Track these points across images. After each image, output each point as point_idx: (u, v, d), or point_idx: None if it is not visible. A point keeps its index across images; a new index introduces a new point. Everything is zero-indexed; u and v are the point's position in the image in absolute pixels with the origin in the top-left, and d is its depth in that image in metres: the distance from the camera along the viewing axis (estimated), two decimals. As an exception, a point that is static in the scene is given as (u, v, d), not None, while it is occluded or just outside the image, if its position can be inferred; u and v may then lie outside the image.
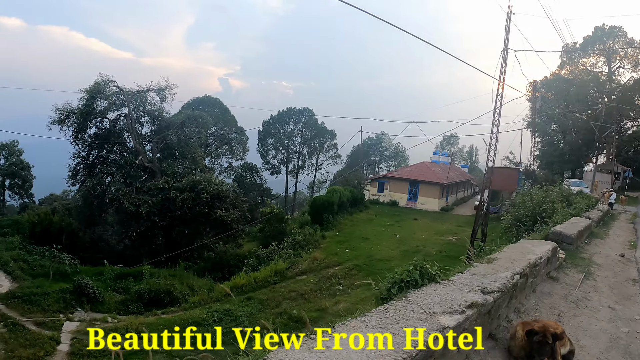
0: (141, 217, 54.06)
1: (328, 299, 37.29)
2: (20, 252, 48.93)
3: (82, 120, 60.39)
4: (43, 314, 35.80)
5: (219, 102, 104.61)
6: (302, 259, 45.99)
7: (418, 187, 77.84)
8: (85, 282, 39.07)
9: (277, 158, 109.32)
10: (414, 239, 54.10)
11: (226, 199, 55.87)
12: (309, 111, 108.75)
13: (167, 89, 65.89)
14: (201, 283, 46.38)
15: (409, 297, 7.81)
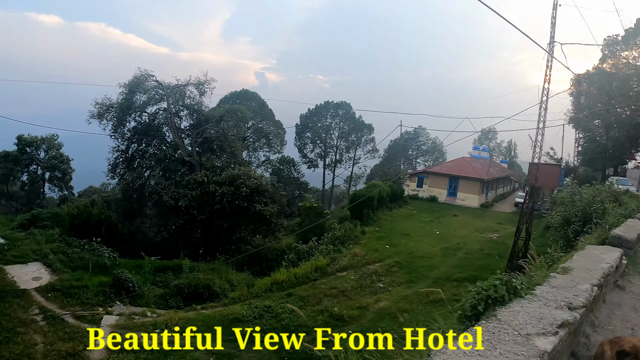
0: (180, 211, 54.01)
1: (369, 297, 36.70)
2: (60, 245, 49.03)
3: (122, 115, 60.96)
4: (82, 307, 35.78)
5: (256, 96, 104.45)
6: (342, 254, 45.40)
7: (458, 183, 76.88)
8: (124, 275, 39.14)
9: (315, 152, 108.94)
10: (455, 235, 53.19)
11: (265, 193, 55.37)
12: (347, 105, 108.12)
13: (206, 83, 65.80)
14: (240, 278, 46.06)
15: (498, 316, 7.14)
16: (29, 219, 54.74)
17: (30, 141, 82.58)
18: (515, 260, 36.00)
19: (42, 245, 46.61)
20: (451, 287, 36.74)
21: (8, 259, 42.76)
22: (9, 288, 36.77)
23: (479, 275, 38.60)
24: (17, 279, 38.88)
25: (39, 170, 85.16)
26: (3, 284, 37.30)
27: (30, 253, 44.42)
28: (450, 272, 40.53)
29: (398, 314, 33.21)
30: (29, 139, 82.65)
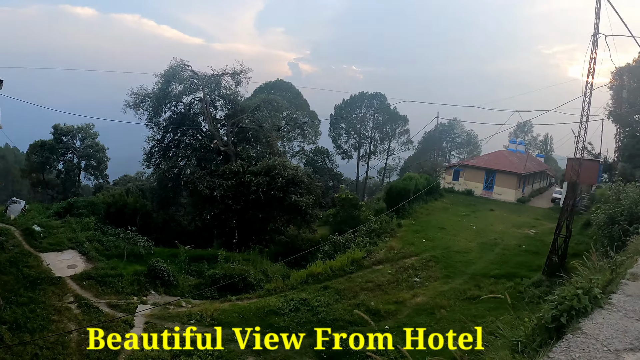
0: (215, 201, 53.88)
1: (406, 291, 36.05)
2: (95, 233, 49.21)
3: (157, 104, 61.00)
4: (117, 296, 35.70)
5: (291, 86, 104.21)
6: (379, 247, 44.71)
7: (494, 177, 75.64)
8: (159, 265, 38.92)
9: (349, 143, 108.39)
10: (491, 230, 52.20)
11: (301, 184, 54.90)
12: (381, 96, 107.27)
13: (242, 73, 65.04)
14: (275, 269, 45.62)
15: (583, 329, 6.47)
16: (64, 207, 55.03)
17: (66, 130, 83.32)
18: (554, 258, 35.03)
19: (78, 234, 46.74)
20: (488, 284, 36.04)
21: (44, 247, 42.91)
22: (44, 275, 36.84)
23: (516, 272, 37.82)
24: (52, 266, 38.97)
25: (74, 159, 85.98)
26: (38, 272, 37.39)
27: (65, 241, 44.54)
28: (487, 269, 39.63)
29: (435, 310, 32.61)
30: (65, 128, 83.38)
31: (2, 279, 35.04)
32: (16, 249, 41.24)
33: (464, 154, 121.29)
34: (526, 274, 37.06)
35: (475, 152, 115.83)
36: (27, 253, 40.69)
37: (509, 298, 9.59)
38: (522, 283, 34.96)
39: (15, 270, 36.80)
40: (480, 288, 35.44)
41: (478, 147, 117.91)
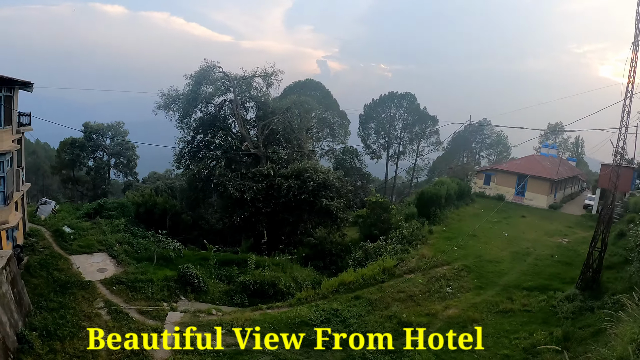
0: (245, 203, 53.62)
1: (437, 303, 35.35)
2: (125, 235, 49.22)
3: (188, 106, 60.85)
4: (147, 301, 35.47)
5: (320, 86, 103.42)
6: (410, 255, 43.95)
7: (526, 182, 74.29)
8: (190, 271, 38.71)
9: (378, 143, 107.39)
10: (523, 239, 51.07)
11: (332, 188, 54.38)
12: (411, 96, 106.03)
13: (273, 75, 64.72)
14: (304, 274, 45.25)
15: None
16: (95, 208, 55.13)
17: (97, 128, 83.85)
18: (589, 272, 33.98)
19: (108, 236, 46.79)
20: (521, 296, 35.17)
21: (74, 249, 42.97)
22: (74, 279, 36.76)
23: (549, 284, 36.88)
24: (82, 269, 38.95)
25: (104, 157, 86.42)
26: (69, 275, 37.33)
27: (95, 243, 44.59)
28: (519, 280, 38.66)
29: (467, 323, 31.90)
30: (95, 126, 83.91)
31: (32, 282, 34.97)
32: (46, 250, 41.29)
33: (493, 155, 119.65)
34: (559, 287, 36.07)
35: (505, 153, 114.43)
36: (57, 255, 40.71)
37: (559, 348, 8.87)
38: (555, 297, 33.97)
39: (46, 274, 36.78)
40: (513, 301, 34.59)
41: (508, 148, 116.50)
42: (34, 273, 36.44)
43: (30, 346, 26.45)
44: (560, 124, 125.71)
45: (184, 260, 44.47)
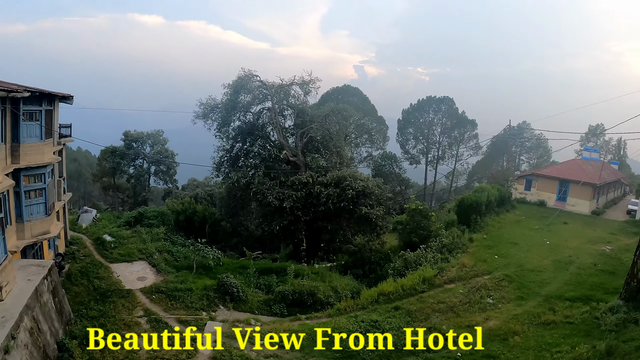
0: (285, 212, 53.44)
1: (478, 314, 34.57)
2: (165, 243, 49.60)
3: (226, 115, 60.91)
4: (186, 311, 35.50)
5: (358, 92, 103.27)
6: (450, 264, 43.17)
7: (568, 187, 72.83)
8: (229, 280, 38.65)
9: (417, 148, 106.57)
10: (565, 246, 49.86)
11: (371, 196, 53.95)
12: (449, 100, 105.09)
13: (310, 83, 64.44)
14: (343, 282, 44.99)
15: None
16: (135, 216, 55.73)
17: (136, 137, 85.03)
18: (633, 282, 32.96)
19: (148, 244, 47.14)
20: (563, 307, 34.18)
21: (114, 257, 43.38)
22: (114, 287, 37.04)
23: (592, 295, 35.93)
24: (122, 278, 39.24)
25: (144, 164, 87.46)
26: (109, 283, 37.63)
27: (135, 252, 44.94)
28: (562, 290, 37.67)
29: (509, 336, 31.24)
30: (135, 134, 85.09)
31: (73, 290, 35.32)
32: (87, 259, 41.72)
33: (533, 159, 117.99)
34: (602, 298, 34.97)
35: (546, 156, 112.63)
36: (97, 263, 41.10)
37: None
38: (598, 308, 32.91)
39: (86, 282, 37.12)
40: (555, 312, 33.69)
41: (548, 151, 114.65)
42: (75, 281, 36.81)
43: (70, 355, 26.53)
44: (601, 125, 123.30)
45: (223, 269, 44.57)
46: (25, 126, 29.50)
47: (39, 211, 31.94)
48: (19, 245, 29.95)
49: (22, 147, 29.28)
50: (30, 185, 30.97)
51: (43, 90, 30.45)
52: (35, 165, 30.38)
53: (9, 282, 23.89)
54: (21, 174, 29.72)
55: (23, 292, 24.19)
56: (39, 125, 31.27)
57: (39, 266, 28.07)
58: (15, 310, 22.14)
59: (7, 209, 27.31)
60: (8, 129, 27.79)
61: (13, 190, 27.97)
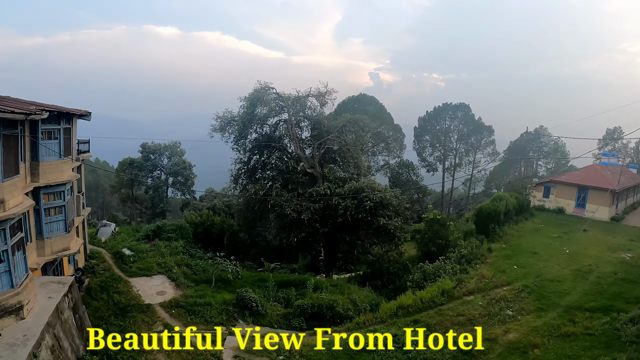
0: (303, 224, 53.41)
1: (497, 326, 34.19)
2: (184, 257, 49.70)
3: (243, 127, 60.86)
4: (205, 325, 35.51)
5: (374, 100, 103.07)
6: (469, 276, 42.76)
7: (587, 194, 72.19)
8: (248, 295, 38.69)
9: (434, 155, 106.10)
10: (585, 255, 49.14)
11: (389, 206, 53.76)
12: (465, 106, 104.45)
13: (326, 94, 64.23)
14: (362, 295, 44.81)
15: None
16: (153, 230, 55.87)
17: (154, 149, 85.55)
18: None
19: (167, 258, 47.24)
20: (583, 319, 33.71)
21: (133, 271, 43.51)
22: (134, 302, 37.16)
23: (613, 305, 35.49)
24: (142, 292, 39.33)
25: (162, 176, 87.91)
26: (128, 298, 37.76)
27: (155, 266, 45.04)
28: (582, 300, 37.16)
29: (528, 349, 30.96)
30: (152, 146, 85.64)
31: (93, 304, 35.44)
32: (107, 273, 41.87)
33: (551, 163, 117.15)
34: (623, 308, 34.54)
35: (564, 161, 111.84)
36: (117, 278, 41.24)
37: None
38: (619, 318, 32.48)
39: (106, 296, 37.23)
40: (575, 323, 33.25)
41: (566, 155, 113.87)
42: (94, 295, 36.93)
43: (91, 371, 26.76)
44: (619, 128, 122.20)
45: (242, 282, 44.68)
46: (44, 145, 29.75)
47: (59, 228, 32.15)
48: (39, 262, 30.18)
49: (42, 165, 29.54)
50: (49, 203, 31.21)
51: (61, 109, 30.69)
52: (54, 183, 30.62)
53: (30, 300, 24.05)
54: (41, 192, 29.96)
55: (44, 309, 24.33)
56: (58, 144, 31.52)
57: (60, 283, 28.21)
58: (37, 329, 22.29)
59: (27, 227, 27.54)
60: (27, 148, 28.04)
61: (33, 208, 28.16)
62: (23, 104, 26.44)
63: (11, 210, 22.42)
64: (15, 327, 22.28)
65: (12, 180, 23.19)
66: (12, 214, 22.21)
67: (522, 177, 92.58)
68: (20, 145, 26.24)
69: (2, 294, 22.16)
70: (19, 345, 20.87)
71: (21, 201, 24.24)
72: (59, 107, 31.45)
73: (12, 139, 23.74)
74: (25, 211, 24.88)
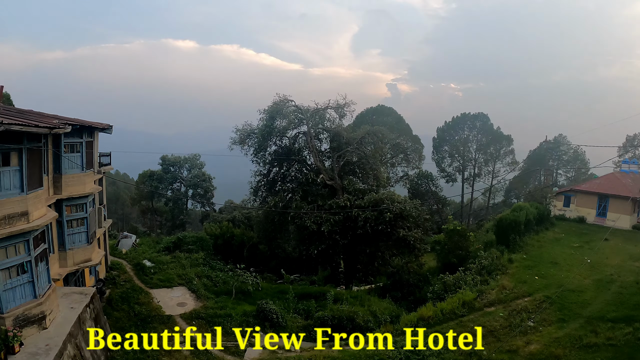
0: (322, 236, 53.26)
1: (519, 338, 33.91)
2: (204, 269, 49.91)
3: (262, 140, 61.17)
4: (226, 337, 35.57)
5: (392, 111, 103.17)
6: (490, 286, 42.43)
7: (608, 202, 71.49)
8: (268, 307, 38.71)
9: (453, 166, 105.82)
10: (607, 264, 48.53)
11: (409, 218, 53.63)
12: (484, 116, 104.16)
13: (345, 106, 64.83)
14: (382, 306, 44.61)
15: None
16: (174, 242, 56.21)
17: (174, 161, 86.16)
18: None
19: (187, 270, 47.50)
20: (605, 329, 33.24)
21: (154, 283, 43.75)
22: (154, 313, 37.36)
23: (635, 315, 34.99)
24: (162, 304, 39.52)
25: (182, 188, 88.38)
26: (149, 309, 37.95)
27: (175, 277, 45.28)
28: (604, 310, 36.68)
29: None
30: (172, 159, 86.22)
31: (114, 315, 35.66)
32: (127, 284, 42.16)
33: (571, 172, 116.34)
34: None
35: (584, 169, 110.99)
36: (138, 289, 41.52)
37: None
38: (642, 328, 32.45)
39: (127, 307, 37.48)
40: (597, 334, 32.85)
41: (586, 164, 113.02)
42: (115, 306, 37.20)
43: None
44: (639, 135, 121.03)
45: (262, 294, 44.80)
46: (66, 158, 30.12)
47: (81, 240, 32.51)
48: (62, 273, 30.51)
49: (64, 178, 29.92)
50: (72, 215, 31.57)
51: (84, 123, 31.09)
52: (77, 195, 30.98)
53: (52, 310, 24.31)
54: (63, 204, 30.33)
55: (66, 320, 24.59)
56: (80, 157, 31.91)
57: (82, 294, 28.48)
58: (59, 339, 22.54)
59: (50, 238, 27.88)
60: (50, 161, 28.44)
61: (56, 220, 28.50)
62: (46, 118, 26.78)
63: (35, 222, 22.72)
64: (37, 336, 22.56)
65: (35, 193, 23.49)
66: (36, 226, 22.51)
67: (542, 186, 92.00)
68: (44, 158, 26.56)
69: (25, 304, 22.44)
70: (41, 354, 21.13)
71: (44, 213, 24.52)
72: (81, 120, 31.88)
73: (36, 152, 24.05)
74: (48, 223, 25.18)
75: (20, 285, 22.33)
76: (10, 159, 21.63)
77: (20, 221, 21.84)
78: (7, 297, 21.63)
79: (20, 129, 19.77)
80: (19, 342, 20.96)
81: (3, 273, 21.28)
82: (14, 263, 21.84)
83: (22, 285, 22.47)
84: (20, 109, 30.88)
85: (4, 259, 21.31)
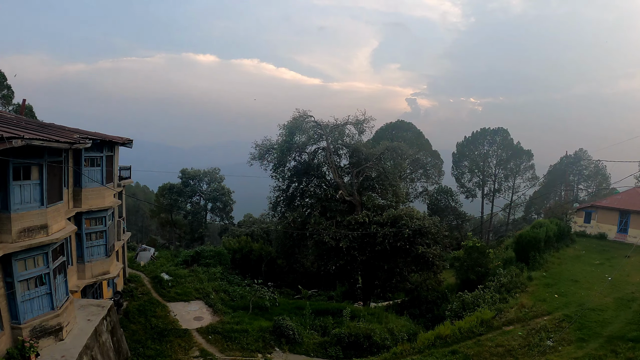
0: (341, 252, 52.94)
1: (537, 358, 33.56)
2: (222, 283, 49.99)
3: (282, 155, 61.04)
4: (242, 352, 35.55)
5: (412, 126, 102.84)
6: (509, 305, 42.01)
7: (629, 218, 70.65)
8: (285, 323, 38.57)
9: (473, 181, 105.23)
10: (628, 282, 47.87)
11: (428, 235, 53.29)
12: (504, 131, 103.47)
13: (364, 122, 64.26)
14: (400, 324, 44.27)
15: None
16: (192, 255, 56.34)
17: (193, 174, 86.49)
18: None
19: (205, 284, 47.61)
20: (626, 349, 32.62)
21: (171, 296, 43.89)
22: (171, 327, 37.45)
23: (656, 334, 34.62)
24: (179, 317, 39.63)
25: (201, 201, 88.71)
26: (166, 323, 38.06)
27: (193, 291, 45.38)
28: (624, 330, 36.05)
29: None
30: (192, 172, 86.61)
31: (130, 327, 35.81)
32: (145, 297, 42.33)
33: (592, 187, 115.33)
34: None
35: (605, 184, 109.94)
36: (155, 302, 41.65)
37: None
38: (663, 349, 31.94)
39: (144, 320, 37.62)
40: (617, 354, 32.26)
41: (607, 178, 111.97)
42: (132, 319, 37.37)
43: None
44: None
45: (279, 309, 44.73)
46: (86, 172, 30.39)
47: (100, 252, 32.72)
48: (79, 285, 30.71)
49: (84, 191, 30.20)
50: (91, 228, 31.80)
51: (104, 137, 31.37)
52: (96, 208, 31.23)
53: (69, 322, 24.42)
54: (83, 217, 30.59)
55: (83, 331, 24.68)
56: (100, 171, 32.18)
57: (99, 306, 28.56)
58: (75, 350, 22.63)
59: (69, 250, 28.09)
60: (70, 174, 28.71)
61: (75, 232, 28.70)
62: (67, 132, 27.04)
63: (54, 235, 22.88)
64: (54, 347, 22.66)
65: (55, 206, 23.66)
66: (55, 239, 22.67)
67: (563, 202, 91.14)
68: (64, 172, 26.80)
69: (43, 315, 22.58)
70: (58, 366, 21.25)
71: (64, 226, 24.70)
72: (102, 134, 32.17)
73: (56, 166, 24.27)
74: (68, 236, 25.36)
75: (38, 297, 22.48)
76: (31, 172, 21.83)
77: (39, 234, 22.02)
78: (25, 308, 21.78)
79: (41, 144, 19.94)
80: (35, 353, 21.06)
81: (22, 284, 21.42)
82: (33, 275, 22.00)
83: (40, 297, 22.62)
84: (41, 122, 31.28)
85: (23, 271, 21.48)
